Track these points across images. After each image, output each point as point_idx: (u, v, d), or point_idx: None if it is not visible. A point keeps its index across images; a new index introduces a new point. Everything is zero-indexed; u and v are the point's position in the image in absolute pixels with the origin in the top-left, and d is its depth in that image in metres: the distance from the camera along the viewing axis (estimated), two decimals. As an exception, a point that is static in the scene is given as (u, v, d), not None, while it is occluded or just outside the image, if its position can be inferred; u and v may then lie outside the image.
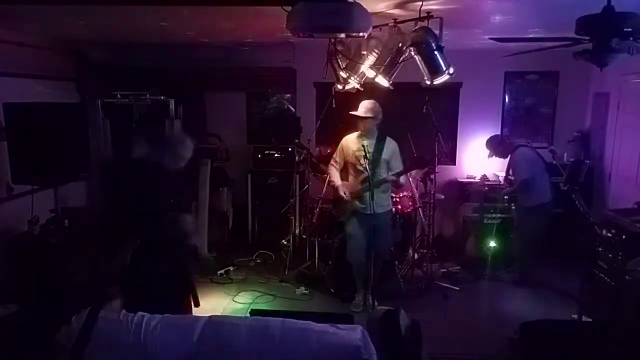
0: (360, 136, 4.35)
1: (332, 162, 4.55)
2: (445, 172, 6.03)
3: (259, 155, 6.12)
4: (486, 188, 5.71)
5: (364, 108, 4.26)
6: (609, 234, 4.20)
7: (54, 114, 4.16)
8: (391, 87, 3.78)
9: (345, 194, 4.34)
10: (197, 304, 3.41)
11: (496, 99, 6.16)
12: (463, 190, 6.03)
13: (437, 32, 3.36)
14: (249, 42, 5.37)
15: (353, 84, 4.06)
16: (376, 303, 4.00)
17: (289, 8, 2.60)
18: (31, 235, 4.25)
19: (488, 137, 5.29)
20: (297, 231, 5.85)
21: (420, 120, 5.03)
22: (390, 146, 4.37)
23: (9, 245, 4.20)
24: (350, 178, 4.47)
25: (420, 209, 5.21)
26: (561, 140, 5.98)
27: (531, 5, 3.43)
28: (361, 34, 2.70)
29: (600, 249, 4.28)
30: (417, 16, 3.37)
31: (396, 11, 3.49)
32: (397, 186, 4.51)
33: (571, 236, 5.02)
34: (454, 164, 6.26)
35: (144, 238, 3.01)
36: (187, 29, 4.61)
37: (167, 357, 2.13)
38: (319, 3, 2.53)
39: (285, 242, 5.70)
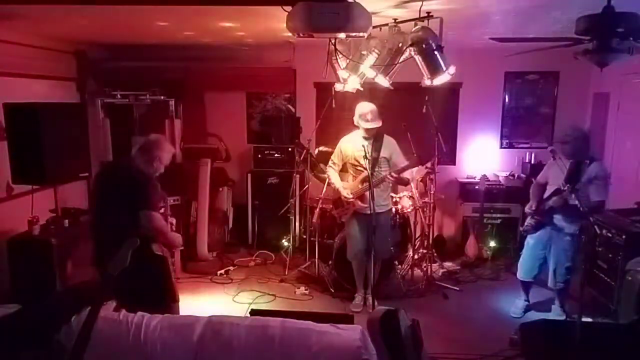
0: (358, 137, 4.34)
1: (330, 164, 4.52)
2: (445, 172, 6.02)
3: (259, 155, 6.12)
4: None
5: (375, 115, 4.21)
6: (609, 234, 4.19)
7: (54, 114, 4.16)
8: (391, 87, 3.78)
9: (348, 196, 4.33)
10: (175, 299, 3.50)
11: (496, 99, 6.16)
12: (463, 190, 6.04)
13: (437, 32, 3.35)
14: (249, 42, 5.37)
15: (353, 84, 4.06)
16: (376, 303, 4.00)
17: (289, 8, 2.60)
18: (31, 235, 4.26)
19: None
20: (297, 231, 5.86)
21: (420, 120, 5.03)
22: (389, 143, 4.36)
23: (9, 245, 4.20)
24: (350, 178, 4.47)
25: (420, 209, 5.21)
26: (561, 140, 5.97)
27: (531, 5, 3.43)
28: (361, 34, 2.70)
29: (600, 249, 4.28)
30: (417, 16, 3.36)
31: (396, 11, 3.49)
32: (403, 183, 4.47)
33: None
34: (454, 164, 6.26)
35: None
36: (187, 29, 4.61)
37: (167, 357, 2.14)
38: (319, 3, 2.52)
39: (285, 242, 5.71)
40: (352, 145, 4.35)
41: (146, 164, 3.26)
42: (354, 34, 2.68)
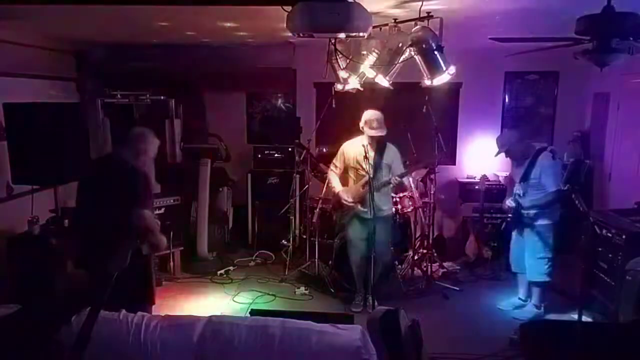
0: (362, 141, 4.33)
1: (331, 166, 4.53)
2: (445, 172, 6.03)
3: (259, 155, 6.13)
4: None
5: (381, 124, 4.21)
6: (609, 234, 4.20)
7: (54, 114, 4.15)
8: (391, 87, 3.78)
9: (347, 200, 4.33)
10: (152, 302, 3.48)
11: (496, 99, 6.17)
12: (463, 190, 6.03)
13: (437, 32, 3.36)
14: (249, 42, 5.37)
15: (353, 84, 4.06)
16: (376, 303, 4.00)
17: (289, 8, 2.60)
18: (31, 235, 4.25)
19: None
20: (297, 231, 5.85)
21: (420, 120, 5.03)
22: (391, 151, 4.37)
23: (9, 245, 4.20)
24: (351, 182, 4.46)
25: (420, 209, 5.21)
26: (561, 140, 5.98)
27: (531, 5, 3.43)
28: (361, 34, 2.69)
29: (600, 249, 4.28)
30: (417, 16, 3.37)
31: (396, 11, 3.49)
32: (401, 190, 4.71)
33: (571, 236, 5.02)
34: (454, 164, 6.26)
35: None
36: (187, 29, 4.61)
37: (167, 357, 2.14)
38: (319, 3, 2.52)
39: (285, 242, 5.71)
40: (355, 148, 4.34)
41: (133, 158, 3.21)
42: (354, 34, 2.68)
